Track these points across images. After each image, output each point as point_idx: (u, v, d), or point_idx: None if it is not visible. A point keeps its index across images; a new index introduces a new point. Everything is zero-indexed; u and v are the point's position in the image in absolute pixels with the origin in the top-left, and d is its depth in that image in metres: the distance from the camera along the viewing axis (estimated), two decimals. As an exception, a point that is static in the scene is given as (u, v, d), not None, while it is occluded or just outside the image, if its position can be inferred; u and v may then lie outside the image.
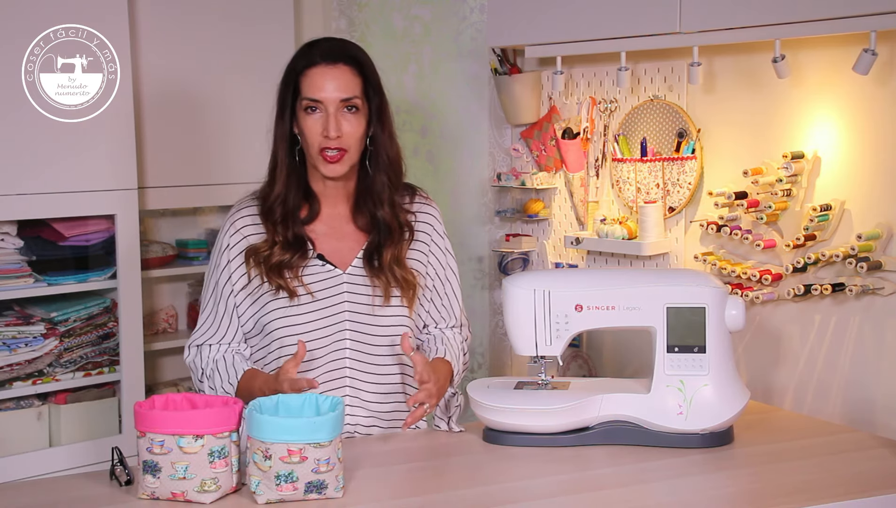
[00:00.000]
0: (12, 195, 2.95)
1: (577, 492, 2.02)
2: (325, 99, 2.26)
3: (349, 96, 2.28)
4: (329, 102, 2.27)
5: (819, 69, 2.66)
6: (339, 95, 2.27)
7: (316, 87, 2.27)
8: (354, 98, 2.28)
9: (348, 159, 2.31)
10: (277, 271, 2.30)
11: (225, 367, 2.33)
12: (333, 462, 1.91)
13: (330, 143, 2.27)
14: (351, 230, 2.39)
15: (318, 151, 2.29)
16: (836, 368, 2.66)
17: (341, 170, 2.31)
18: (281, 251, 2.30)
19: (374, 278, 2.33)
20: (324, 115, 2.27)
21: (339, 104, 2.27)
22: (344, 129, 2.27)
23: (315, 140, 2.28)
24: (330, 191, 2.38)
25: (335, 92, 2.27)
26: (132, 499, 1.96)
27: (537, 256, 3.57)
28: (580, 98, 3.33)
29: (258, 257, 2.31)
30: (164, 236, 3.53)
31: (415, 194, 2.46)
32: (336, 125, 2.26)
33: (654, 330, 2.25)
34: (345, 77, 2.28)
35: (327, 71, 2.28)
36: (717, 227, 2.87)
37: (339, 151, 2.28)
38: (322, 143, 2.28)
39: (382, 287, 2.32)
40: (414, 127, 3.70)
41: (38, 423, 3.14)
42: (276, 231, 2.32)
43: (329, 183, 2.37)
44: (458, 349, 2.43)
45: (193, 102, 3.30)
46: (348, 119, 2.28)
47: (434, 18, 3.69)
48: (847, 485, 2.02)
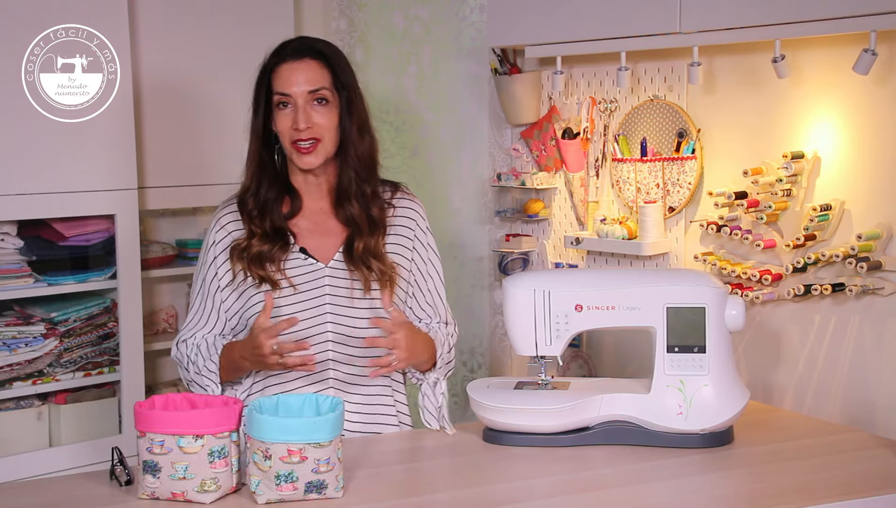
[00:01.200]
0: (12, 195, 2.95)
1: (576, 492, 2.02)
2: (293, 92, 2.32)
3: (316, 88, 2.33)
4: (297, 96, 2.32)
5: (819, 69, 2.66)
6: (306, 88, 2.32)
7: (284, 81, 2.33)
8: (322, 89, 2.33)
9: (322, 150, 2.35)
10: (259, 263, 2.34)
11: (206, 347, 2.37)
12: (333, 462, 1.92)
13: (301, 134, 2.32)
14: (333, 225, 2.42)
15: (291, 144, 2.34)
16: (836, 368, 2.66)
17: (315, 161, 2.35)
18: (260, 242, 2.35)
19: (355, 272, 2.36)
20: (293, 108, 2.33)
21: (308, 97, 2.33)
22: (314, 119, 2.33)
23: (287, 134, 2.34)
24: (311, 186, 2.42)
25: (303, 85, 2.33)
26: (132, 499, 1.96)
27: (537, 256, 3.57)
28: (580, 98, 3.33)
29: (239, 250, 2.36)
30: (163, 236, 3.53)
31: (397, 189, 2.49)
32: (305, 117, 2.32)
33: (654, 330, 2.25)
34: (311, 70, 2.34)
35: (294, 66, 2.34)
36: (717, 227, 2.87)
37: (312, 143, 2.33)
38: (293, 135, 2.33)
39: (362, 280, 2.35)
40: (414, 127, 3.70)
41: (38, 423, 3.14)
42: (254, 223, 2.37)
43: (309, 178, 2.41)
44: (442, 337, 2.43)
45: (193, 102, 3.29)
46: (318, 111, 2.33)
47: (434, 18, 3.69)
48: (847, 485, 2.02)
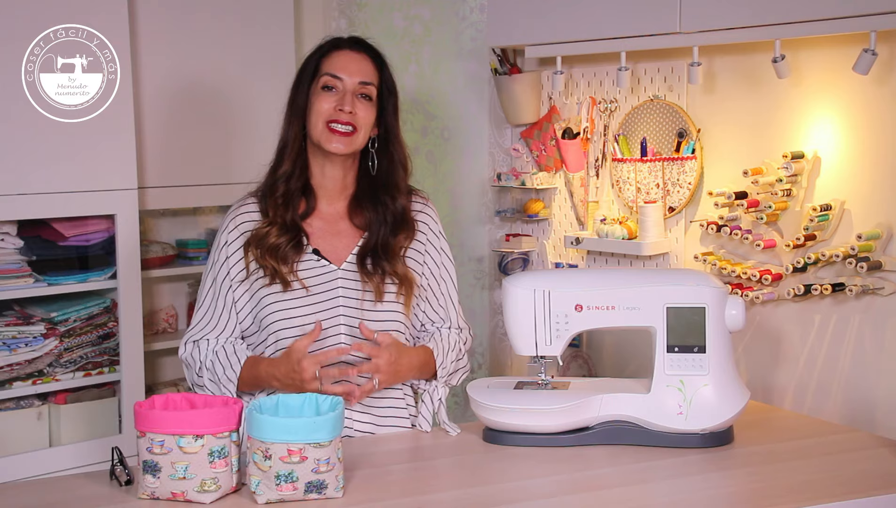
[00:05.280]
0: (12, 195, 2.95)
1: (576, 492, 2.02)
2: (345, 78, 2.34)
3: (368, 81, 2.35)
4: (348, 82, 2.34)
5: (819, 69, 2.66)
6: (358, 78, 2.34)
7: (339, 65, 2.35)
8: (371, 85, 2.36)
9: (354, 141, 2.35)
10: (272, 254, 2.32)
11: (226, 356, 2.34)
12: (333, 462, 1.92)
13: (342, 116, 2.31)
14: (347, 227, 2.41)
15: (326, 125, 2.32)
16: (836, 368, 2.66)
17: (344, 148, 2.34)
18: (277, 233, 2.33)
19: (366, 277, 2.35)
20: (339, 93, 2.33)
21: (357, 87, 2.34)
22: (358, 109, 2.33)
23: (326, 114, 2.32)
24: (329, 185, 2.40)
25: (356, 74, 2.34)
26: (132, 499, 1.96)
27: (537, 256, 3.57)
28: (580, 98, 3.33)
29: (256, 239, 2.34)
30: (164, 236, 3.53)
31: (412, 194, 2.48)
32: (351, 102, 2.32)
33: (654, 330, 2.25)
34: (367, 64, 2.37)
35: (352, 55, 2.37)
36: (717, 227, 2.87)
37: (349, 130, 2.32)
38: (333, 115, 2.32)
39: (374, 285, 2.34)
40: (414, 127, 3.70)
41: (38, 423, 3.14)
42: (277, 211, 2.35)
43: (328, 176, 2.39)
44: (447, 345, 2.42)
45: (193, 101, 3.30)
46: (362, 103, 2.35)
47: (434, 18, 3.69)
48: (847, 485, 2.02)
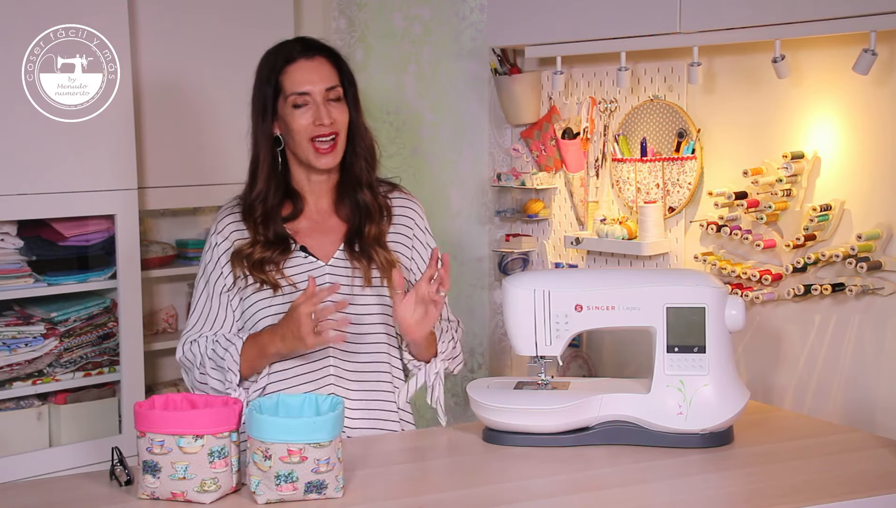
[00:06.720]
0: (12, 195, 2.95)
1: (576, 492, 2.02)
2: (312, 91, 2.32)
3: (333, 85, 2.34)
4: (316, 93, 2.32)
5: (819, 69, 2.66)
6: (322, 86, 2.33)
7: (301, 81, 2.32)
8: (336, 86, 2.35)
9: (339, 150, 2.35)
10: (260, 267, 2.34)
11: (226, 339, 2.34)
12: (333, 462, 1.92)
13: (323, 130, 2.31)
14: (334, 223, 2.42)
15: (310, 142, 2.32)
16: (836, 368, 2.66)
17: (334, 161, 2.35)
18: (262, 249, 2.34)
19: (355, 262, 2.35)
20: (312, 106, 2.32)
21: (325, 94, 2.33)
22: (334, 115, 2.33)
23: (306, 132, 2.32)
24: (314, 186, 2.42)
25: (319, 83, 2.33)
26: (132, 499, 1.96)
27: (537, 256, 3.57)
28: (580, 98, 3.33)
29: (241, 256, 2.35)
30: (163, 236, 3.53)
31: (395, 188, 2.50)
32: (327, 112, 2.31)
33: (654, 330, 2.25)
34: (324, 67, 2.35)
35: (307, 64, 2.34)
36: (717, 227, 2.87)
37: (332, 140, 2.33)
38: (314, 132, 2.32)
39: (363, 270, 2.34)
40: (414, 127, 3.70)
41: (38, 423, 3.14)
42: (258, 230, 2.36)
43: (313, 178, 2.40)
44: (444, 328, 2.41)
45: (193, 102, 3.30)
46: (335, 107, 2.34)
47: (434, 18, 3.69)
48: (847, 485, 2.02)
